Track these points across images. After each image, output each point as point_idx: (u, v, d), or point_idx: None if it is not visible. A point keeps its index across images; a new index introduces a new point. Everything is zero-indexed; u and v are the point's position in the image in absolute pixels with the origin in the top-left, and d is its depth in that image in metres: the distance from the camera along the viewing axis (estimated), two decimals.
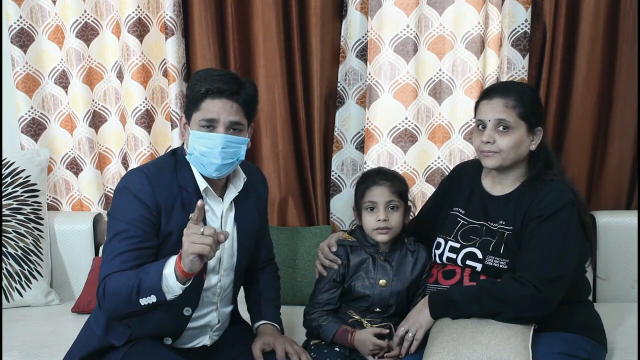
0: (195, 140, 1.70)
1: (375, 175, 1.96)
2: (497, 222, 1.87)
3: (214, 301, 1.83)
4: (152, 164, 1.82)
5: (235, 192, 1.82)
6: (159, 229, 1.70)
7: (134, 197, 1.68)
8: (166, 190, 1.71)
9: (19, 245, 2.50)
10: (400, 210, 1.94)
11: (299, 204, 2.69)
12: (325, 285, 1.96)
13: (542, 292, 1.70)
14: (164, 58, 2.62)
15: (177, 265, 1.53)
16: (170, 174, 1.74)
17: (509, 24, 2.44)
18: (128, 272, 1.61)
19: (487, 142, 1.82)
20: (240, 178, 1.84)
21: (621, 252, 2.45)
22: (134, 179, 1.72)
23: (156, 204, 1.68)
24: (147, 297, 1.56)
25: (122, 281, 1.59)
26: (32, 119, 2.73)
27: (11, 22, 2.64)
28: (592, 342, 1.82)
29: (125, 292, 1.58)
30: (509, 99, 1.82)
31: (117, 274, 1.62)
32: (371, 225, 1.92)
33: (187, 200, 1.72)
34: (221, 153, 1.69)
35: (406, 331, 1.83)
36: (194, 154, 1.71)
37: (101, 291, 1.63)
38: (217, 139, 1.68)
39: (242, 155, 1.74)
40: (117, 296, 1.60)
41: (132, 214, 1.67)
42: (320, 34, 2.54)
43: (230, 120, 1.70)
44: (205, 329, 1.85)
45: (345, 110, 2.64)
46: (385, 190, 1.92)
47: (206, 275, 1.76)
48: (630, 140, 2.57)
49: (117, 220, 1.69)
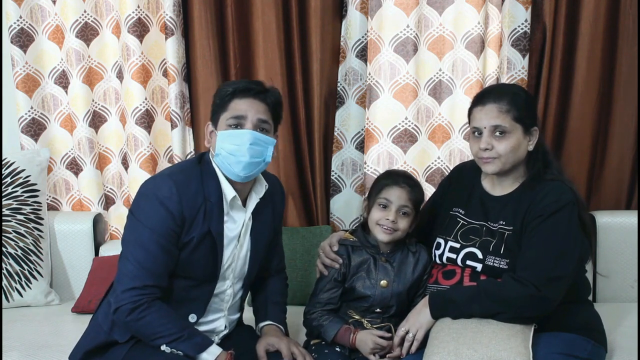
0: (223, 140, 1.71)
1: (400, 176, 1.95)
2: (497, 222, 1.86)
3: (222, 308, 1.85)
4: (179, 170, 1.80)
5: (256, 199, 1.83)
6: (179, 238, 1.71)
7: (161, 204, 1.68)
8: (192, 200, 1.71)
9: (19, 245, 2.50)
10: (410, 218, 1.93)
11: (299, 204, 2.69)
12: (326, 285, 1.96)
13: (542, 291, 1.70)
14: (164, 58, 2.61)
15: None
16: (197, 183, 1.74)
17: (509, 24, 2.43)
18: (167, 313, 1.67)
19: (486, 149, 1.82)
20: (262, 185, 1.85)
21: (621, 252, 2.45)
22: (162, 185, 1.71)
23: (182, 215, 1.69)
24: (173, 349, 1.65)
25: (159, 320, 1.66)
26: (32, 119, 2.72)
27: (11, 22, 2.64)
28: (592, 342, 1.82)
29: (156, 333, 1.66)
30: (502, 103, 1.81)
31: (155, 308, 1.66)
32: (378, 219, 1.92)
33: (209, 209, 1.73)
34: (249, 149, 1.69)
35: (407, 331, 1.83)
36: (222, 153, 1.72)
37: (128, 308, 1.65)
38: (246, 135, 1.69)
39: (269, 157, 1.75)
40: (145, 328, 1.66)
41: (157, 222, 1.68)
42: (320, 34, 2.54)
43: (259, 117, 1.72)
44: (212, 335, 1.85)
45: (345, 110, 2.64)
46: (404, 194, 1.91)
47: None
48: (630, 140, 2.57)
49: (141, 224, 1.69)
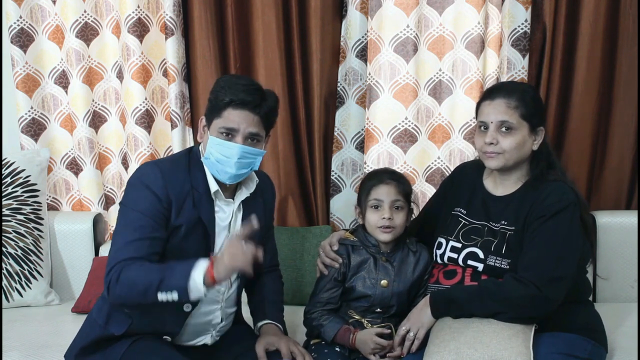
0: (213, 147, 1.73)
1: (383, 174, 1.97)
2: (499, 223, 1.86)
3: (218, 299, 1.85)
4: (167, 159, 1.89)
5: (246, 193, 1.85)
6: (168, 221, 1.73)
7: (147, 188, 1.71)
8: (178, 186, 1.74)
9: (19, 245, 2.50)
10: (404, 211, 1.94)
11: (299, 204, 2.68)
12: (326, 285, 1.96)
13: (544, 292, 1.70)
14: (164, 58, 2.61)
15: (209, 272, 1.57)
16: (184, 172, 1.78)
17: (509, 24, 2.43)
18: (149, 265, 1.65)
19: (490, 144, 1.82)
20: (252, 180, 1.87)
21: (621, 252, 2.45)
22: (147, 171, 1.76)
23: (167, 197, 1.72)
24: (167, 293, 1.59)
25: (141, 273, 1.63)
26: (32, 119, 2.72)
27: (11, 22, 2.64)
28: (593, 342, 1.82)
29: (144, 283, 1.61)
30: (511, 99, 1.82)
31: (137, 264, 1.65)
32: (375, 222, 1.92)
33: (197, 199, 1.76)
34: (237, 163, 1.72)
35: (407, 330, 1.83)
36: (211, 159, 1.75)
37: (115, 277, 1.65)
38: (234, 149, 1.71)
39: (256, 166, 1.79)
40: (134, 286, 1.63)
41: (144, 204, 1.71)
42: (320, 34, 2.54)
43: (250, 131, 1.73)
44: (208, 327, 1.86)
45: (345, 110, 2.64)
46: (392, 190, 1.92)
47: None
48: (630, 140, 2.57)
49: (129, 209, 1.73)
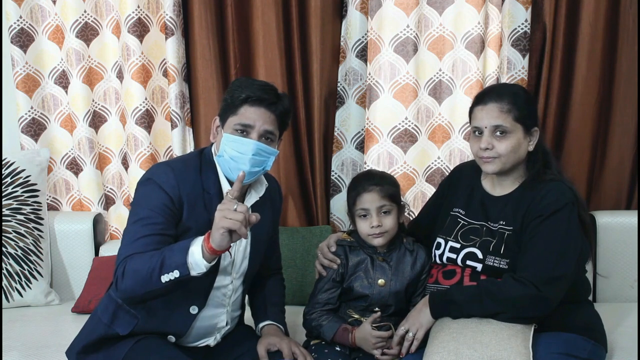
0: (228, 143, 1.73)
1: (364, 181, 1.94)
2: (498, 223, 1.86)
3: (224, 303, 1.85)
4: (178, 160, 1.88)
5: (256, 197, 1.84)
6: (179, 221, 1.72)
7: (159, 187, 1.71)
8: (190, 187, 1.74)
9: (19, 245, 2.50)
10: (393, 213, 1.93)
11: (299, 204, 2.69)
12: (324, 285, 1.96)
13: (543, 291, 1.69)
14: (164, 58, 2.62)
15: (205, 242, 1.55)
16: (195, 173, 1.77)
17: (509, 24, 2.44)
18: (150, 252, 1.63)
19: (486, 149, 1.82)
20: (262, 184, 1.87)
21: (621, 252, 2.45)
22: (159, 171, 1.75)
23: (179, 197, 1.71)
24: (169, 273, 1.57)
25: (144, 260, 1.61)
26: (32, 119, 2.73)
27: (11, 22, 2.64)
28: (592, 342, 1.81)
29: (147, 269, 1.59)
30: (503, 103, 1.81)
31: (139, 254, 1.63)
32: (365, 231, 1.92)
33: (208, 201, 1.75)
34: (251, 160, 1.72)
35: (406, 331, 1.83)
36: (224, 156, 1.74)
37: (120, 271, 1.64)
38: (250, 145, 1.71)
39: (269, 166, 1.78)
40: (137, 274, 1.61)
41: (155, 201, 1.70)
42: (320, 34, 2.54)
43: (265, 128, 1.74)
44: (213, 331, 1.86)
45: (345, 111, 2.64)
46: (376, 196, 1.90)
47: (231, 254, 1.79)
48: (630, 140, 2.57)
49: (140, 207, 1.71)
